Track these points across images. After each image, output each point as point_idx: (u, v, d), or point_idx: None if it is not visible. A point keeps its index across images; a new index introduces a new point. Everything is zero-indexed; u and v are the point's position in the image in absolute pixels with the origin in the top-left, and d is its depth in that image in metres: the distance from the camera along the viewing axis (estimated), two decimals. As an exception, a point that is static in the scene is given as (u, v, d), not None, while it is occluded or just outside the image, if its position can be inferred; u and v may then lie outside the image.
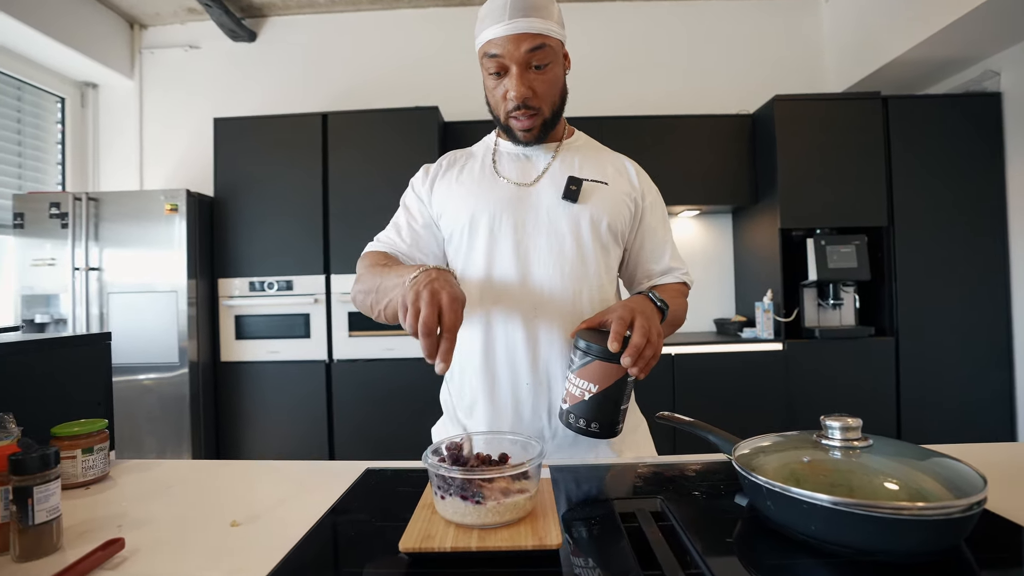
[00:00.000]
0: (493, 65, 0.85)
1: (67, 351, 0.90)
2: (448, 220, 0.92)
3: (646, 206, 0.96)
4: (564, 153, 0.95)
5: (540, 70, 0.85)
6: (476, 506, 0.53)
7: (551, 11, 0.85)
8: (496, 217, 0.89)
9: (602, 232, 0.90)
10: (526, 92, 0.84)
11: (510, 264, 0.88)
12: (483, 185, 0.92)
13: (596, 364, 0.73)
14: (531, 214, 0.89)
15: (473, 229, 0.89)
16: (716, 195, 2.94)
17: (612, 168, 0.96)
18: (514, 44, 0.82)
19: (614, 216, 0.91)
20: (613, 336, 0.70)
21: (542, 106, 0.87)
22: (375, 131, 2.71)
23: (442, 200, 0.93)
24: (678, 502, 0.65)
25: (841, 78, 3.13)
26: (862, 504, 0.48)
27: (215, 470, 0.83)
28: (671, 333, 0.93)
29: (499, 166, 0.95)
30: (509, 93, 0.85)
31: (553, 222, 0.89)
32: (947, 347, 2.61)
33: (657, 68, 3.27)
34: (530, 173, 0.93)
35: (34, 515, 0.54)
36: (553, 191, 0.90)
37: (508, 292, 0.87)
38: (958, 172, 2.65)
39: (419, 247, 0.93)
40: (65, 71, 3.15)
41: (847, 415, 0.61)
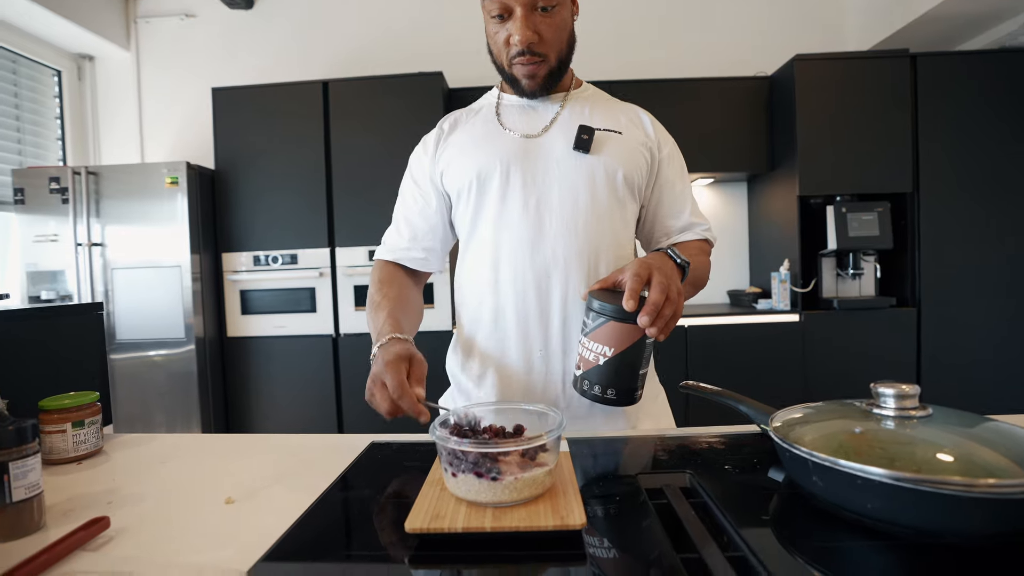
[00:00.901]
0: (495, 7, 0.78)
1: (58, 321, 0.86)
2: (453, 179, 0.87)
3: (663, 157, 0.89)
4: (573, 102, 0.88)
5: (546, 12, 0.78)
6: (492, 483, 0.48)
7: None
8: (503, 172, 0.82)
9: (618, 184, 0.83)
10: (531, 36, 0.77)
11: (520, 222, 0.82)
12: (488, 139, 0.86)
13: (611, 325, 0.67)
14: (540, 167, 0.83)
15: (480, 186, 0.84)
16: (731, 162, 2.83)
17: (625, 118, 0.89)
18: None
19: (630, 167, 0.84)
20: (628, 294, 0.64)
21: (548, 53, 0.81)
22: (378, 98, 2.61)
23: (448, 159, 0.88)
24: (708, 477, 0.60)
25: (865, 36, 2.96)
26: (927, 480, 0.43)
27: (213, 444, 0.79)
28: (693, 294, 0.87)
29: (504, 119, 0.88)
30: (513, 38, 0.78)
31: (565, 175, 0.82)
32: (972, 318, 2.52)
33: (669, 29, 3.11)
34: (537, 124, 0.86)
35: (11, 492, 0.50)
36: (563, 141, 0.84)
37: (518, 252, 0.81)
38: (990, 134, 2.51)
39: (417, 240, 0.91)
40: (60, 43, 3.06)
41: (901, 382, 0.54)
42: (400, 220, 0.93)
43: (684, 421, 2.40)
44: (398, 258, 0.91)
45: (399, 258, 0.91)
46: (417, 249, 0.91)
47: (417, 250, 0.91)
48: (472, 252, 0.87)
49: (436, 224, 0.91)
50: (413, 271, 0.94)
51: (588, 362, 0.69)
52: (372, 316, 0.83)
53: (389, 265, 0.92)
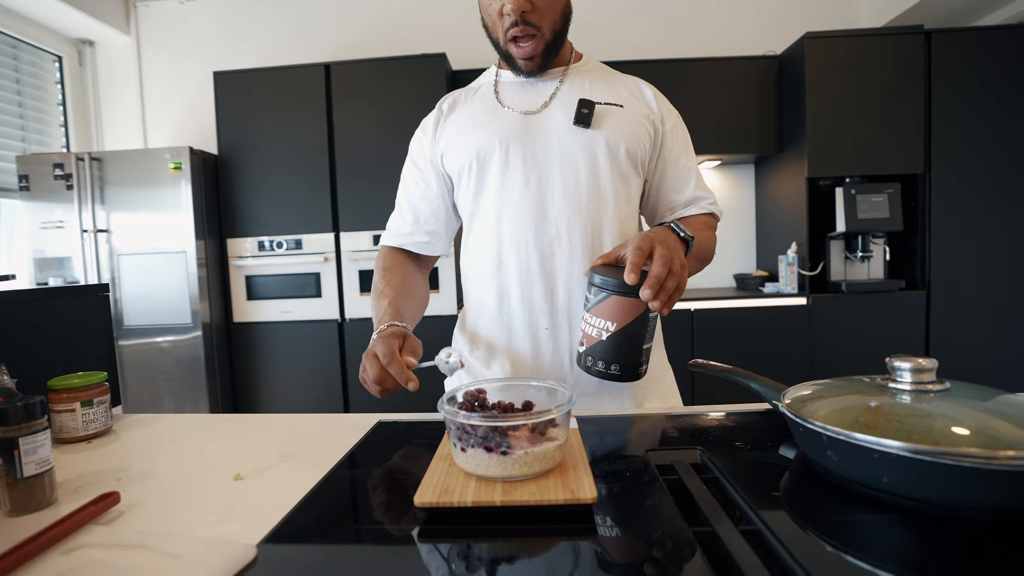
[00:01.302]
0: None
1: (65, 303, 0.86)
2: (453, 160, 0.86)
3: (666, 130, 0.88)
4: (573, 76, 0.86)
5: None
6: (502, 457, 0.48)
7: None
8: (503, 150, 0.81)
9: (620, 158, 0.82)
10: (523, 4, 0.75)
11: (522, 199, 0.81)
12: (487, 118, 0.85)
13: (613, 300, 0.66)
14: (541, 143, 0.81)
15: (481, 165, 0.83)
16: (739, 143, 2.78)
17: (626, 90, 0.87)
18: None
19: (632, 141, 0.83)
20: (630, 267, 0.63)
21: (542, 24, 0.78)
22: (380, 81, 2.58)
23: (448, 140, 0.87)
24: (719, 453, 0.59)
25: (878, 13, 2.89)
26: (946, 452, 0.42)
27: (221, 424, 0.79)
28: (699, 269, 0.86)
29: (502, 96, 0.87)
30: (506, 7, 0.76)
31: (566, 150, 0.81)
32: (983, 301, 2.49)
33: (675, 7, 3.05)
34: (536, 100, 0.85)
35: (22, 467, 0.50)
36: (564, 117, 0.82)
37: (521, 230, 0.81)
38: (1007, 112, 2.45)
39: (420, 224, 0.91)
40: (60, 28, 3.03)
41: (918, 356, 0.53)
42: (403, 204, 0.92)
43: (690, 400, 2.41)
44: (402, 243, 0.91)
45: (403, 243, 0.91)
46: (420, 233, 0.90)
47: (420, 234, 0.90)
48: (475, 232, 0.86)
49: (439, 207, 0.90)
50: (418, 256, 0.93)
51: (591, 338, 0.68)
52: (375, 304, 0.83)
53: (394, 251, 0.91)
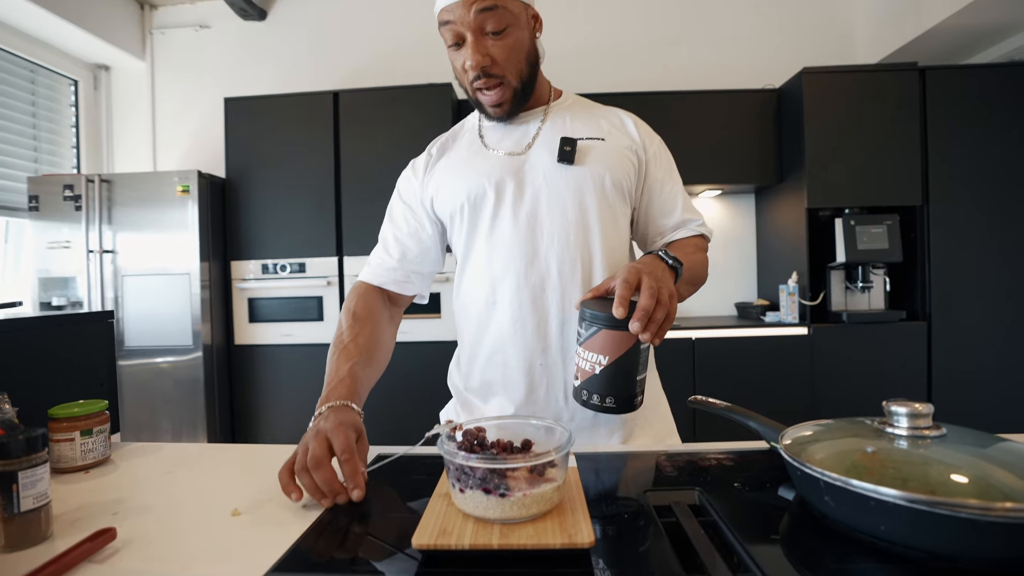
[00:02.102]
0: (449, 35, 0.78)
1: (69, 329, 0.87)
2: (444, 204, 0.87)
3: (649, 158, 0.89)
4: (553, 115, 0.88)
5: (497, 35, 0.77)
6: (500, 499, 0.48)
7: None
8: (494, 192, 0.83)
9: (606, 191, 0.83)
10: (483, 60, 0.77)
11: (512, 237, 0.82)
12: (474, 160, 0.86)
13: (604, 333, 0.66)
14: (528, 183, 0.83)
15: (472, 207, 0.84)
16: (739, 174, 2.82)
17: (607, 123, 0.89)
18: (464, 8, 0.75)
19: (617, 172, 0.84)
20: (617, 301, 0.64)
21: (505, 74, 0.80)
22: (387, 109, 2.64)
23: (437, 184, 0.88)
24: (718, 494, 0.59)
25: (873, 49, 2.97)
26: (943, 502, 0.42)
27: (219, 454, 0.79)
28: (692, 292, 0.87)
29: (487, 139, 0.89)
30: (466, 63, 0.78)
31: (552, 188, 0.82)
32: (983, 333, 2.49)
33: (679, 41, 3.13)
34: (521, 141, 0.87)
35: (19, 502, 0.50)
36: (548, 155, 0.84)
37: (513, 268, 0.82)
38: (1001, 148, 2.49)
39: (406, 261, 0.90)
40: (78, 53, 3.12)
41: (914, 400, 0.54)
42: (389, 240, 0.91)
43: (692, 434, 2.38)
44: (383, 281, 0.90)
45: (384, 281, 0.90)
46: (403, 271, 0.90)
47: (403, 272, 0.90)
48: (469, 272, 0.87)
49: (428, 248, 0.91)
50: (393, 298, 0.92)
51: (585, 372, 0.69)
52: (335, 359, 0.78)
53: (370, 291, 0.89)
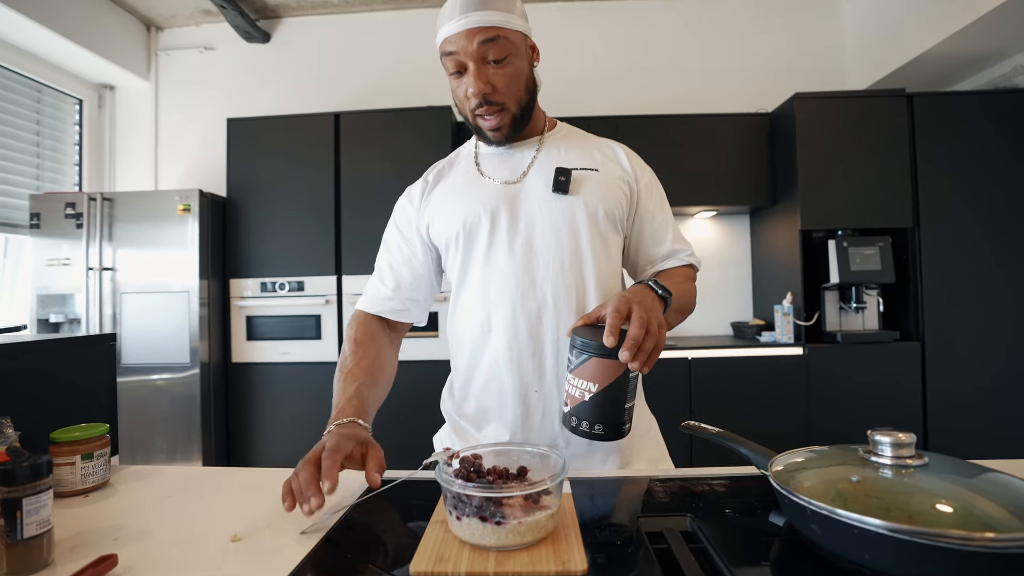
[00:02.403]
0: (452, 64, 0.81)
1: (71, 352, 0.88)
2: (440, 231, 0.89)
3: (640, 189, 0.91)
4: (548, 145, 0.91)
5: (499, 64, 0.80)
6: (496, 527, 0.49)
7: (509, 2, 0.80)
8: (489, 220, 0.85)
9: (599, 221, 0.86)
10: (484, 87, 0.80)
11: (507, 266, 0.84)
12: (470, 189, 0.88)
13: (594, 361, 0.68)
14: (523, 211, 0.85)
15: (467, 236, 0.86)
16: (733, 195, 2.87)
17: (600, 154, 0.92)
18: (467, 39, 0.78)
19: (609, 203, 0.86)
20: (608, 330, 0.65)
21: (506, 102, 0.83)
22: (387, 131, 2.69)
23: (433, 211, 0.90)
24: (709, 521, 0.60)
25: (863, 75, 3.04)
26: (924, 532, 0.43)
27: (218, 478, 0.80)
28: (680, 321, 0.88)
29: (483, 167, 0.91)
30: (469, 90, 0.81)
31: (547, 217, 0.85)
32: (976, 351, 2.51)
33: (674, 66, 3.21)
34: (516, 170, 0.89)
35: (23, 529, 0.51)
36: (542, 185, 0.86)
37: (508, 297, 0.83)
38: (987, 171, 2.55)
39: (401, 290, 0.92)
40: (83, 73, 3.18)
41: (897, 430, 0.55)
42: (384, 269, 0.94)
43: (689, 458, 2.38)
44: (380, 310, 0.92)
45: (381, 310, 0.92)
46: (399, 299, 0.92)
47: (399, 300, 0.92)
48: (464, 299, 0.88)
49: (422, 275, 0.93)
50: (392, 325, 0.94)
51: (575, 398, 0.70)
52: (341, 383, 0.82)
53: (369, 319, 0.92)
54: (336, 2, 3.22)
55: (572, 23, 3.22)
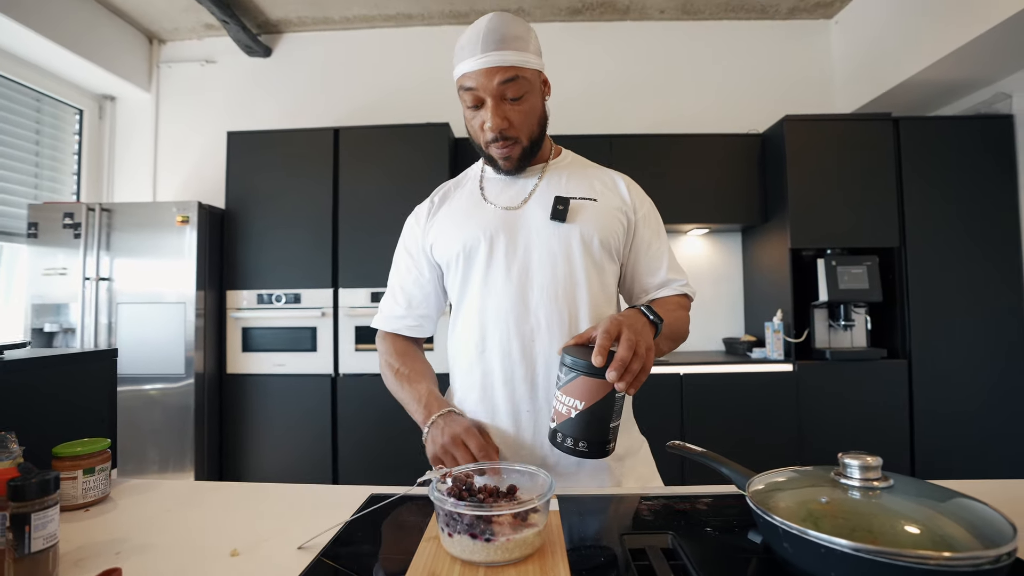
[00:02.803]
0: (470, 98, 0.85)
1: (74, 367, 0.90)
2: (442, 250, 0.93)
3: (638, 219, 0.95)
4: (551, 173, 0.95)
5: (515, 102, 0.85)
6: (485, 544, 0.52)
7: (526, 41, 0.85)
8: (487, 244, 0.89)
9: (594, 250, 0.89)
10: (502, 123, 0.84)
11: (504, 289, 0.87)
12: (472, 213, 0.92)
13: (581, 380, 0.71)
14: (522, 237, 0.89)
15: (467, 257, 0.90)
16: (726, 213, 2.92)
17: (600, 184, 0.95)
18: (487, 77, 0.82)
19: (605, 232, 0.90)
20: (597, 350, 0.68)
21: (519, 136, 0.87)
22: (386, 147, 2.73)
23: (437, 232, 0.95)
24: (690, 538, 0.63)
25: (851, 99, 3.12)
26: (884, 552, 0.46)
27: (216, 492, 0.82)
28: (672, 348, 0.91)
29: (487, 192, 0.95)
30: (486, 124, 0.85)
31: (544, 244, 0.88)
32: (962, 369, 2.56)
33: (668, 87, 3.28)
34: (518, 196, 0.93)
35: (30, 543, 0.53)
36: (541, 212, 0.90)
37: (503, 319, 0.87)
38: (970, 193, 2.62)
39: (412, 308, 0.98)
40: (85, 84, 3.21)
41: (866, 453, 0.59)
42: (396, 289, 0.99)
43: (680, 476, 2.40)
44: (396, 328, 0.98)
45: (398, 328, 0.98)
46: (412, 317, 0.97)
47: (412, 318, 0.97)
48: (462, 318, 0.92)
49: (430, 293, 0.97)
50: (412, 338, 1.01)
51: (561, 415, 0.73)
52: (407, 385, 0.90)
53: (393, 336, 0.99)
54: (337, 18, 3.27)
55: (572, 42, 3.29)
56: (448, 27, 3.32)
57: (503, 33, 0.82)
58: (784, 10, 3.23)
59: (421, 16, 3.25)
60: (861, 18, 3.04)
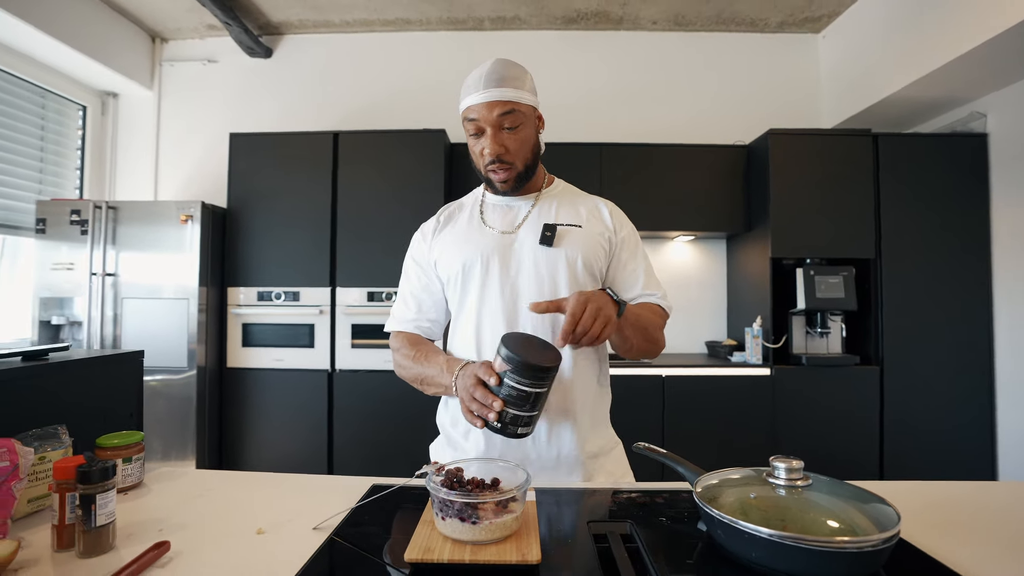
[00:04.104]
0: (472, 127, 0.98)
1: (107, 367, 1.00)
2: (444, 267, 1.05)
3: (619, 241, 1.06)
4: (543, 201, 1.07)
5: (512, 131, 0.97)
6: (472, 526, 0.63)
7: (523, 82, 0.97)
8: (484, 263, 1.00)
9: (578, 271, 1.00)
10: (499, 149, 0.97)
11: (498, 305, 0.99)
12: (472, 235, 1.04)
13: (512, 371, 0.78)
14: (515, 259, 1.01)
15: (465, 275, 1.01)
16: (710, 222, 3.04)
17: (586, 211, 1.06)
18: (488, 109, 0.94)
19: (588, 255, 1.01)
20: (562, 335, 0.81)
21: (515, 161, 0.99)
22: (383, 151, 2.82)
23: (440, 250, 1.06)
24: (646, 526, 0.74)
25: (834, 113, 3.25)
26: (793, 537, 0.58)
27: (239, 481, 0.93)
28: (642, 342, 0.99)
29: (486, 216, 1.07)
30: (485, 150, 0.97)
31: (534, 265, 1.00)
32: (931, 377, 2.70)
33: (657, 98, 3.38)
34: (513, 221, 1.05)
35: (96, 519, 0.64)
36: (533, 237, 1.01)
37: (496, 330, 0.98)
38: (944, 209, 2.75)
39: (423, 312, 1.08)
40: (88, 81, 3.27)
41: (792, 457, 0.70)
42: (407, 295, 1.10)
43: (661, 473, 2.53)
44: (409, 328, 1.08)
45: (410, 328, 1.08)
46: (424, 320, 1.09)
47: (424, 320, 1.09)
48: (460, 329, 1.04)
49: (439, 299, 1.09)
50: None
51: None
52: (427, 364, 0.98)
53: (406, 334, 1.09)
54: (337, 22, 3.35)
55: (566, 51, 3.38)
56: (445, 33, 3.41)
57: (503, 74, 0.95)
58: (773, 24, 3.34)
59: (419, 21, 3.34)
60: (847, 34, 3.15)
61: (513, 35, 3.41)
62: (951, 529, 0.75)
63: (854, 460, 2.68)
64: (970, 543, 0.70)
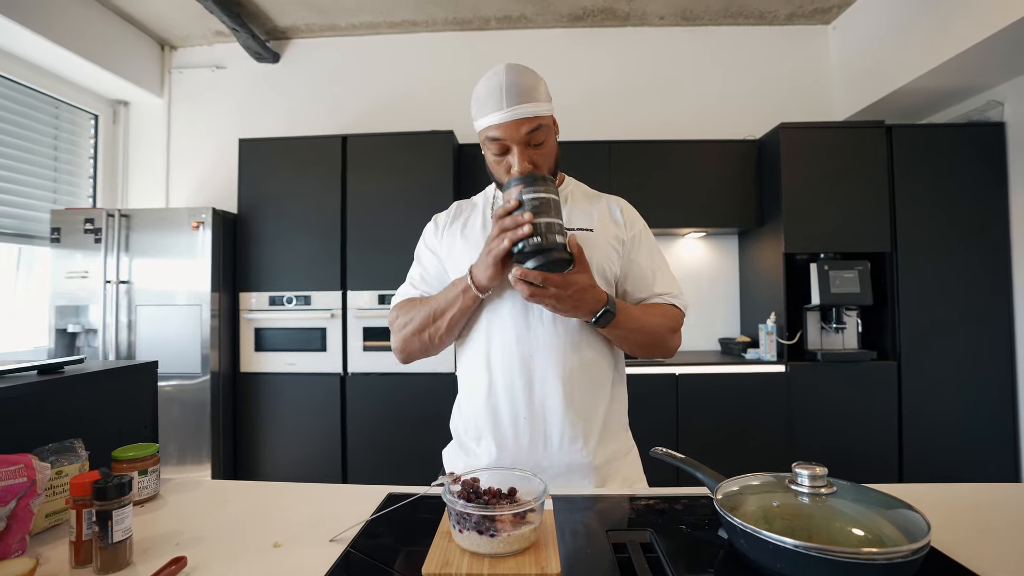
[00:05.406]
0: (495, 147, 0.94)
1: (121, 379, 1.00)
2: (453, 270, 1.03)
3: (630, 238, 1.05)
4: None
5: (538, 147, 0.95)
6: (490, 538, 0.62)
7: (540, 91, 0.94)
8: None
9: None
10: (528, 167, 0.94)
11: (508, 310, 0.97)
12: (480, 242, 1.02)
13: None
14: None
15: None
16: (722, 218, 3.01)
17: (598, 213, 1.05)
18: (515, 128, 0.91)
19: (601, 259, 1.00)
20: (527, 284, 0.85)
21: None
22: (392, 153, 2.82)
23: (448, 250, 1.05)
24: (666, 534, 0.73)
25: (846, 105, 3.19)
26: (820, 548, 0.56)
27: (250, 491, 0.93)
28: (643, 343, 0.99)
29: None
30: (513, 168, 0.94)
31: None
32: (949, 372, 2.65)
33: (665, 94, 3.35)
34: None
35: (113, 535, 0.64)
36: None
37: (507, 339, 0.97)
38: (961, 200, 2.69)
39: (430, 288, 1.06)
40: (99, 90, 3.31)
41: (816, 464, 0.68)
42: (416, 277, 1.08)
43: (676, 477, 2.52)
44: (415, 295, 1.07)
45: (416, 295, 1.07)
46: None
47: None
48: (471, 337, 1.02)
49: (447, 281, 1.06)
50: None
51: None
52: (431, 298, 1.00)
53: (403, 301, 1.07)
54: (344, 25, 3.35)
55: (573, 48, 3.36)
56: (451, 33, 3.40)
57: (522, 87, 0.91)
58: (782, 16, 3.29)
59: (425, 23, 3.33)
60: (858, 25, 3.10)
61: (519, 34, 3.39)
62: (983, 537, 0.72)
63: (872, 458, 2.64)
64: (1006, 552, 0.68)
